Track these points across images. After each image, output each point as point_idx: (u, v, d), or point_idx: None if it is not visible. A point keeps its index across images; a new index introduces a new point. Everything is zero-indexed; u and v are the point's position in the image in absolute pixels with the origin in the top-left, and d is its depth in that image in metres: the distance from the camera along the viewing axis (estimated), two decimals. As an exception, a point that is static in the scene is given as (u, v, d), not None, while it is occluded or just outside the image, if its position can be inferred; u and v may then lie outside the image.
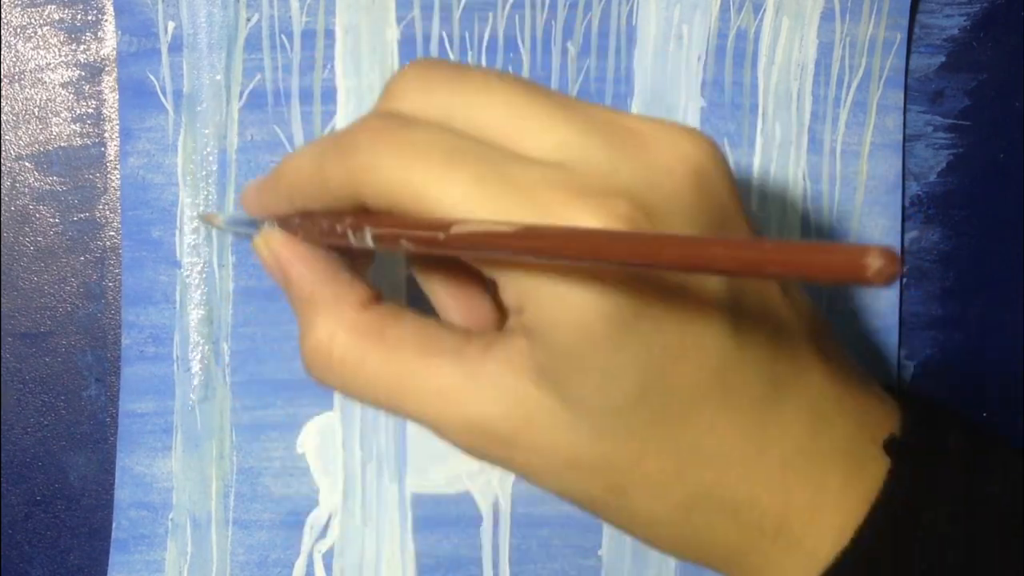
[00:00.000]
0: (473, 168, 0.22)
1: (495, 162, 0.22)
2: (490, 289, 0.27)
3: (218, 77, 0.35)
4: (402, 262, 0.36)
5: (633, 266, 0.20)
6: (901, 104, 0.36)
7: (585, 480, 0.25)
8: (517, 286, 0.22)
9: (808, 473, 0.25)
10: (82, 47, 0.36)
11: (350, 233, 0.24)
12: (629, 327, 0.22)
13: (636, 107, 0.36)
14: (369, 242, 0.24)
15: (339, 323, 0.26)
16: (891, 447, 0.26)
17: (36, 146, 0.36)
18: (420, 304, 0.29)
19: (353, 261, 0.28)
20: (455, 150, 0.22)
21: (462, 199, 0.22)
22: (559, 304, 0.22)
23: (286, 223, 0.27)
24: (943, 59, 0.37)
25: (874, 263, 0.15)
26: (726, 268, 0.17)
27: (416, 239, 0.22)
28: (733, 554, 0.25)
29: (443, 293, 0.28)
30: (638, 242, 0.19)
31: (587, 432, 0.24)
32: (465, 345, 0.25)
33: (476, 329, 0.27)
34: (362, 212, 0.24)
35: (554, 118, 0.23)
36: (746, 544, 0.25)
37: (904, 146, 0.36)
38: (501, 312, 0.27)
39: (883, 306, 0.37)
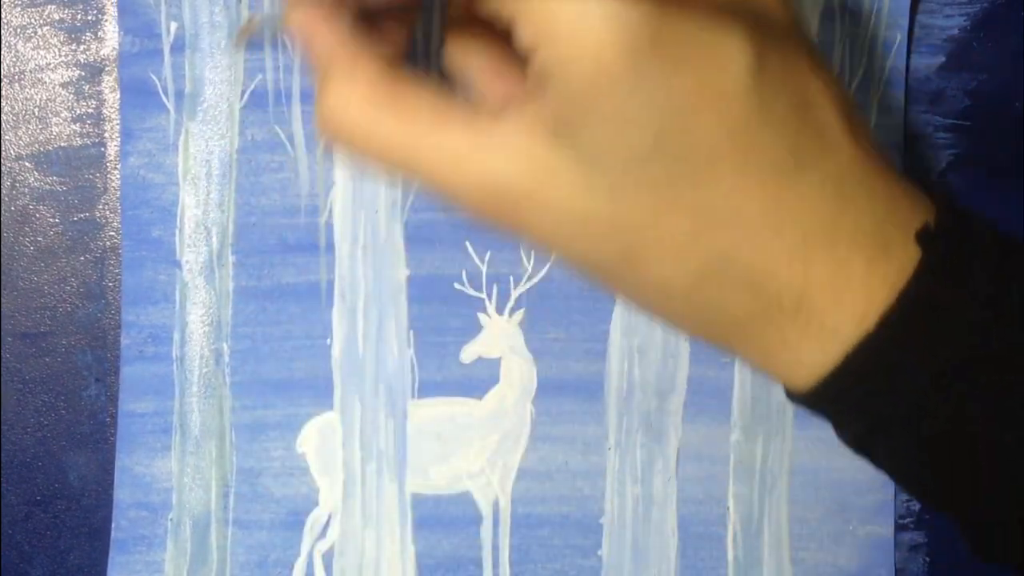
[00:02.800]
0: None
1: None
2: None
3: (220, 77, 0.35)
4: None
5: None
6: (901, 104, 0.36)
7: (598, 244, 0.24)
8: (534, 18, 0.22)
9: (830, 250, 0.24)
10: (82, 47, 0.36)
11: None
12: (647, 62, 0.22)
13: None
14: None
15: (354, 85, 0.25)
16: (922, 235, 0.25)
17: (36, 146, 0.36)
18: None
19: (384, 34, 0.27)
20: None
21: None
22: (577, 31, 0.22)
23: None
24: (943, 59, 0.37)
25: None
26: None
27: None
28: (748, 329, 0.25)
29: (480, 67, 0.28)
30: None
31: (602, 189, 0.23)
32: (480, 110, 0.24)
33: None
34: None
35: None
36: (762, 318, 0.24)
37: (904, 146, 0.36)
38: None
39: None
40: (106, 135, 0.36)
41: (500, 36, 0.26)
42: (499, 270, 0.36)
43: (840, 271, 0.24)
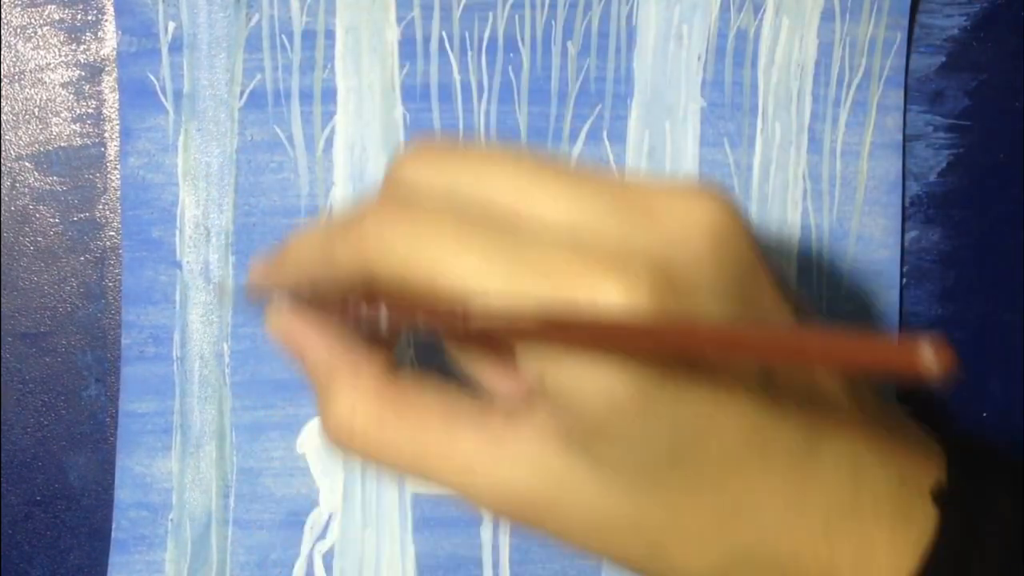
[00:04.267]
0: (484, 239, 0.22)
1: (505, 232, 0.22)
2: None
3: (219, 77, 0.35)
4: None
5: (663, 354, 0.20)
6: (901, 104, 0.36)
7: (623, 541, 0.24)
8: (537, 360, 0.22)
9: (852, 528, 0.24)
10: (82, 47, 0.36)
11: (364, 309, 0.24)
12: (655, 398, 0.22)
13: (636, 107, 0.36)
14: (383, 321, 0.23)
15: (359, 396, 0.25)
16: (939, 497, 0.25)
17: (36, 146, 0.36)
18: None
19: (372, 336, 0.27)
20: (464, 222, 0.22)
21: (475, 273, 0.21)
22: (581, 380, 0.21)
23: (297, 295, 0.27)
24: (943, 59, 0.37)
25: (927, 355, 0.14)
26: (765, 355, 0.16)
27: (435, 320, 0.22)
28: None
29: (481, 365, 0.27)
30: (669, 332, 0.18)
31: (620, 496, 0.23)
32: (489, 413, 0.24)
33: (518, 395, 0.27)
34: (371, 290, 0.24)
35: (561, 187, 0.22)
36: None
37: (904, 146, 0.36)
38: None
39: (883, 306, 0.37)
40: (106, 135, 0.36)
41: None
42: (499, 270, 0.36)
43: (864, 543, 0.24)
